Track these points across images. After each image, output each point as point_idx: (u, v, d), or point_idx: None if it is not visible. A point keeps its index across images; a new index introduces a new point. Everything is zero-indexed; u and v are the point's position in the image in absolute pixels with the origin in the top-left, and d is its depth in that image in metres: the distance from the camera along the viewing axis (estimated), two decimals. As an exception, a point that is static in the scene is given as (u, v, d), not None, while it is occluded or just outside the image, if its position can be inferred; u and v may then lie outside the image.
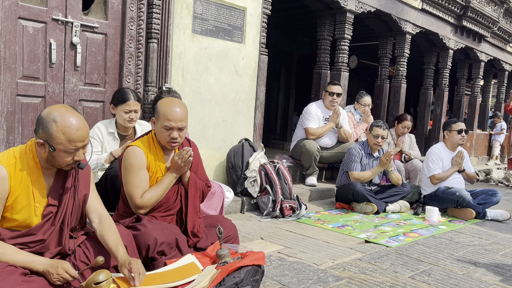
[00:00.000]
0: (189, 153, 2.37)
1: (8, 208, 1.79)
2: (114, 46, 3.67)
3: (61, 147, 1.76)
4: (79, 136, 1.77)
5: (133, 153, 2.37)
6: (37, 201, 1.84)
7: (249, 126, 4.50)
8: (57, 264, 1.76)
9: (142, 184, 2.36)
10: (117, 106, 3.04)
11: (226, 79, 4.21)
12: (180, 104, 2.39)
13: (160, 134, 2.38)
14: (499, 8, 7.96)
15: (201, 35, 3.96)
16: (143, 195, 2.35)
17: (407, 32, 6.42)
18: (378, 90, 6.73)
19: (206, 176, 2.67)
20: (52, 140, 1.75)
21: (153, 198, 2.36)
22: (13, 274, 1.68)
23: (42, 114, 1.78)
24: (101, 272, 1.77)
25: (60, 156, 1.78)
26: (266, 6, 4.46)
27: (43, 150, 1.79)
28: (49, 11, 3.32)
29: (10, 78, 3.19)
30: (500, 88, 10.29)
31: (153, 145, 2.43)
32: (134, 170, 2.35)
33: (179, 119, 2.34)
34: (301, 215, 3.86)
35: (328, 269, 2.59)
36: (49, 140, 1.75)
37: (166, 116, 2.32)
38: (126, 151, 2.40)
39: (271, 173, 3.95)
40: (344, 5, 5.32)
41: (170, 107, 2.34)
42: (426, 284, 2.46)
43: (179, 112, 2.34)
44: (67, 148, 1.76)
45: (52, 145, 1.75)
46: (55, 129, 1.74)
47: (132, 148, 2.39)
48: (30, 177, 1.82)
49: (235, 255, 2.19)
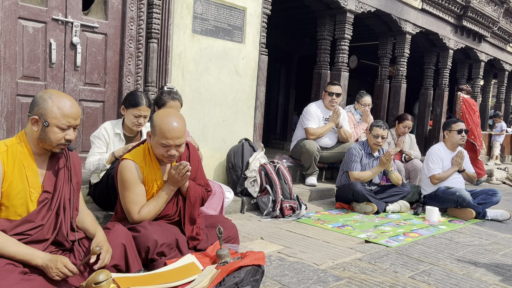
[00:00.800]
0: (187, 168, 2.29)
1: (4, 195, 1.82)
2: (114, 46, 3.68)
3: (54, 121, 1.83)
4: (72, 113, 1.86)
5: (128, 168, 2.29)
6: (31, 187, 1.87)
7: (249, 126, 4.50)
8: (56, 259, 1.77)
9: (139, 199, 2.31)
10: (128, 108, 3.01)
11: (226, 79, 4.21)
12: (178, 119, 2.27)
13: (157, 150, 2.29)
14: (499, 8, 7.96)
15: (201, 35, 3.96)
16: (140, 210, 2.31)
17: (407, 32, 6.42)
18: (378, 90, 6.73)
19: (206, 181, 2.62)
20: (46, 115, 1.83)
21: (151, 213, 2.32)
22: (12, 272, 1.69)
23: (38, 95, 1.88)
24: (101, 272, 1.77)
25: (53, 131, 1.85)
26: (266, 6, 4.46)
27: (36, 128, 1.85)
28: (49, 11, 3.32)
29: (10, 78, 3.19)
30: (500, 88, 10.29)
31: (149, 157, 2.35)
32: (130, 185, 2.29)
33: (177, 137, 2.23)
34: (301, 215, 3.86)
35: (328, 269, 2.59)
36: (43, 116, 1.83)
37: (163, 133, 2.21)
38: (120, 165, 2.33)
39: (271, 173, 3.95)
40: (344, 5, 5.32)
41: (167, 124, 2.22)
42: (426, 284, 2.46)
43: (177, 129, 2.23)
44: (60, 123, 1.84)
45: (47, 120, 1.83)
46: (51, 104, 1.83)
47: (126, 163, 2.31)
48: (22, 162, 1.86)
49: (235, 255, 2.19)
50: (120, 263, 2.05)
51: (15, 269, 1.71)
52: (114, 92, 3.73)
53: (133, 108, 2.96)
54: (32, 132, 1.86)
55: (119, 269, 2.05)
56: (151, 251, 2.17)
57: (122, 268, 2.07)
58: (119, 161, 2.37)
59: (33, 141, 1.88)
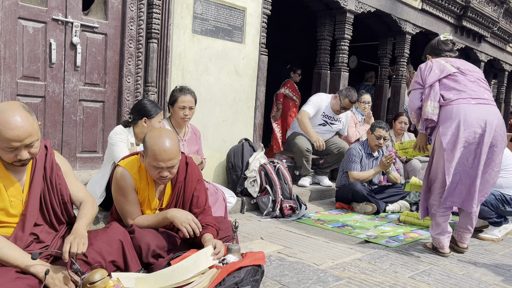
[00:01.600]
0: (194, 232, 2.23)
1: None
2: (114, 46, 3.68)
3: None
4: (13, 136, 1.72)
5: (122, 177, 2.30)
6: (11, 195, 1.88)
7: (249, 126, 4.51)
8: (57, 273, 1.77)
9: (133, 206, 2.33)
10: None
11: (226, 79, 4.21)
12: (170, 140, 2.20)
13: (149, 170, 2.26)
14: (499, 8, 7.96)
15: (201, 35, 3.97)
16: (135, 219, 2.33)
17: (407, 32, 6.42)
18: (378, 90, 6.73)
19: (203, 204, 2.49)
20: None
21: (144, 224, 2.32)
22: (8, 272, 1.71)
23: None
24: (97, 271, 1.76)
25: (1, 152, 1.78)
26: (266, 6, 4.46)
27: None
28: (49, 11, 3.32)
29: (10, 78, 3.19)
30: (500, 88, 10.29)
31: (143, 172, 2.34)
32: (124, 192, 2.31)
33: (168, 159, 2.18)
34: (301, 215, 3.86)
35: (328, 269, 2.59)
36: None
37: (155, 155, 2.16)
38: (116, 171, 2.34)
39: (271, 173, 3.95)
40: (344, 5, 5.32)
41: (158, 146, 2.16)
42: (426, 284, 2.46)
43: (169, 151, 2.17)
44: (2, 146, 1.75)
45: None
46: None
47: (121, 171, 2.31)
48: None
49: (235, 255, 2.19)
50: (118, 259, 2.06)
51: (11, 269, 1.74)
52: (114, 92, 3.73)
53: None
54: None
55: (117, 266, 2.05)
56: (144, 254, 2.18)
57: (120, 265, 2.07)
58: (115, 166, 2.38)
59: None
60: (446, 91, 2.91)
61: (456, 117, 2.81)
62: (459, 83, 2.92)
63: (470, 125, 2.79)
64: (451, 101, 2.86)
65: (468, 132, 2.79)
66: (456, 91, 2.89)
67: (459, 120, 2.79)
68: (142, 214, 2.39)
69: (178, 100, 3.30)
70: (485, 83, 3.02)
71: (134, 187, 2.32)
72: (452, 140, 2.80)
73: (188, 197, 2.45)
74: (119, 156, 2.80)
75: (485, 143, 2.80)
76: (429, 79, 2.93)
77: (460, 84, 2.91)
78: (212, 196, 3.22)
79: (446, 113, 2.85)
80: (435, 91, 2.90)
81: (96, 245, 2.00)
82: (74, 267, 1.77)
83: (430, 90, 2.91)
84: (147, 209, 2.40)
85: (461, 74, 2.95)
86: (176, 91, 3.38)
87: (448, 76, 2.93)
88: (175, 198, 2.44)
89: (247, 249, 2.77)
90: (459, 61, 3.07)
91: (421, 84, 2.98)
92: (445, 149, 2.81)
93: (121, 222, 2.37)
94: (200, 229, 2.24)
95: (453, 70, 2.94)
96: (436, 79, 2.92)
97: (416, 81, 3.03)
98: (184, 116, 3.31)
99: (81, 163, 3.63)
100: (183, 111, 3.30)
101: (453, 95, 2.88)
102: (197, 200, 2.46)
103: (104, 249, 2.02)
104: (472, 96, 2.86)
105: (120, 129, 3.00)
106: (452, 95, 2.88)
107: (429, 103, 2.88)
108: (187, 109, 3.30)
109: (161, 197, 2.44)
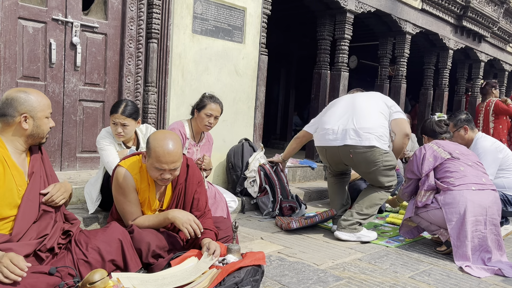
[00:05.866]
0: (195, 233, 2.23)
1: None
2: (114, 46, 3.68)
3: (43, 114, 1.98)
4: (49, 103, 2.01)
5: (123, 177, 2.30)
6: (18, 184, 1.91)
7: (249, 126, 4.51)
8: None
9: (133, 207, 2.33)
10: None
11: (226, 79, 4.21)
12: (174, 143, 2.21)
13: (150, 172, 2.26)
14: (499, 8, 7.96)
15: (201, 35, 3.97)
16: (136, 219, 2.33)
17: (407, 32, 6.42)
18: (378, 90, 6.70)
19: (203, 207, 2.50)
20: (34, 110, 1.96)
21: (145, 224, 2.32)
22: None
23: (8, 96, 1.93)
24: (96, 271, 1.76)
25: (44, 123, 1.99)
26: (266, 6, 4.46)
27: (27, 126, 1.93)
28: (49, 11, 3.32)
29: (10, 78, 3.19)
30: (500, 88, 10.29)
31: (144, 173, 2.34)
32: (125, 192, 2.31)
33: (171, 161, 2.18)
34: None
35: (328, 269, 2.59)
36: (31, 112, 1.95)
37: (158, 157, 2.17)
38: (116, 171, 2.33)
39: (270, 173, 3.95)
40: (344, 5, 5.32)
41: (162, 148, 2.17)
42: (426, 284, 2.46)
43: (172, 153, 2.18)
44: (46, 113, 2.00)
45: (36, 114, 1.97)
46: (34, 99, 1.97)
47: (122, 171, 2.31)
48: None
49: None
50: (117, 258, 2.06)
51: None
52: (114, 92, 3.73)
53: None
54: (19, 131, 1.91)
55: (117, 265, 2.06)
56: (144, 254, 2.18)
57: (119, 264, 2.07)
58: (116, 166, 2.37)
59: (17, 140, 1.93)
60: (448, 174, 3.05)
61: (461, 204, 2.90)
62: (458, 167, 3.05)
63: (473, 213, 2.88)
64: (454, 186, 2.98)
65: (471, 221, 2.87)
66: (458, 174, 3.02)
67: (464, 208, 2.88)
68: (143, 214, 2.39)
69: (206, 107, 3.22)
70: (482, 167, 3.16)
71: (134, 187, 2.32)
72: (457, 227, 2.90)
73: (188, 200, 2.44)
74: (108, 161, 2.80)
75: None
76: (424, 168, 3.12)
77: (460, 169, 3.05)
78: (214, 204, 3.20)
79: (449, 199, 2.96)
80: (429, 180, 3.09)
81: (95, 244, 2.00)
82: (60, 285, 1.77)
83: (426, 180, 3.11)
84: (147, 210, 2.40)
85: (455, 159, 3.09)
86: (206, 97, 3.28)
87: (448, 159, 3.09)
88: (175, 200, 2.44)
89: (247, 249, 2.77)
90: (452, 144, 3.24)
91: (415, 173, 3.20)
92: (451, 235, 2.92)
93: (122, 222, 2.37)
94: (201, 230, 2.24)
95: (446, 156, 3.11)
96: (431, 167, 3.11)
97: (411, 169, 3.23)
98: (209, 124, 3.25)
99: (81, 163, 3.63)
100: (208, 119, 3.23)
101: (454, 179, 3.01)
102: (197, 202, 2.46)
103: (104, 248, 2.02)
104: (472, 181, 2.99)
105: (104, 132, 2.95)
106: (453, 179, 3.01)
107: (423, 193, 3.10)
108: (212, 117, 3.23)
109: (161, 198, 2.44)
